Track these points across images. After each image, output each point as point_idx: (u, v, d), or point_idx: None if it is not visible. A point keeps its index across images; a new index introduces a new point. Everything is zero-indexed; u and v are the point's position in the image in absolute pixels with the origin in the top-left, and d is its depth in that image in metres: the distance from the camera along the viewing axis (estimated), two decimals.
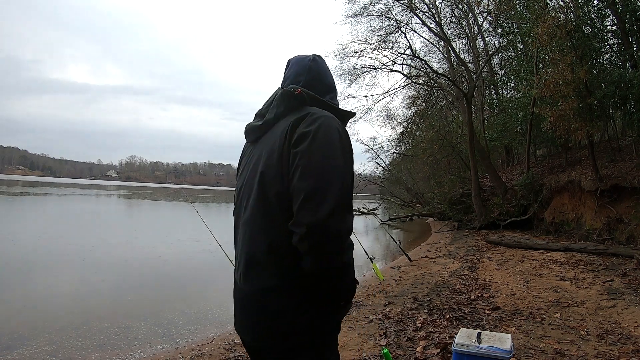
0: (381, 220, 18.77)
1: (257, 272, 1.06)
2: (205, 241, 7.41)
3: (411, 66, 15.18)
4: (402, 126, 20.96)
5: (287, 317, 1.02)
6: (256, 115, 1.27)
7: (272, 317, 1.03)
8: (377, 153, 22.67)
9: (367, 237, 13.72)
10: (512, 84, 14.74)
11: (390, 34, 14.09)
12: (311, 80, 1.22)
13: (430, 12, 13.78)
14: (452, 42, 15.02)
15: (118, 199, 34.67)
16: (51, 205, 22.29)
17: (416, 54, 14.31)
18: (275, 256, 1.03)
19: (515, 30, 13.81)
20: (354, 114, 1.27)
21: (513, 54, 14.21)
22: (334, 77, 1.31)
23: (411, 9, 13.36)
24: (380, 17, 13.93)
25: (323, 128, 1.01)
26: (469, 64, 16.18)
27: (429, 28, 14.00)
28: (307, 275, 0.99)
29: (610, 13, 9.10)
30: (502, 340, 2.06)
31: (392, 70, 14.34)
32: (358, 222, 19.05)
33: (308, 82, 1.21)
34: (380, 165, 23.54)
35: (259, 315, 1.06)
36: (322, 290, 1.02)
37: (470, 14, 15.44)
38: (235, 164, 1.42)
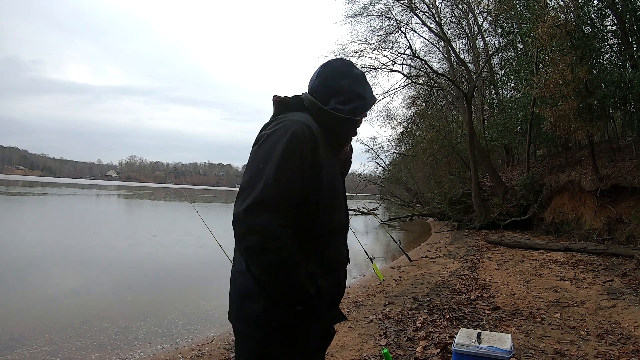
0: (381, 220, 18.76)
1: (236, 255, 1.16)
2: (205, 241, 7.40)
3: (411, 66, 15.21)
4: (402, 126, 21.03)
5: (245, 300, 1.08)
6: None
7: (236, 298, 1.11)
8: (377, 153, 22.75)
9: (367, 237, 13.72)
10: (512, 84, 14.73)
11: (390, 34, 14.12)
12: (317, 85, 1.23)
13: (430, 12, 13.79)
14: (452, 42, 15.03)
15: (118, 199, 34.67)
16: (51, 206, 22.30)
17: (416, 54, 14.33)
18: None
19: (515, 30, 13.82)
20: (352, 118, 1.18)
21: (513, 54, 14.22)
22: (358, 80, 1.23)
23: (411, 9, 13.36)
24: (380, 17, 13.98)
25: (277, 132, 1.06)
26: (469, 64, 16.19)
27: (429, 28, 14.01)
28: None
29: (610, 13, 9.10)
30: (502, 340, 2.06)
31: (392, 70, 14.34)
32: (358, 222, 19.04)
33: (314, 87, 1.23)
34: (380, 165, 23.61)
35: (231, 296, 1.15)
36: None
37: (470, 14, 15.44)
38: (235, 164, 1.45)
